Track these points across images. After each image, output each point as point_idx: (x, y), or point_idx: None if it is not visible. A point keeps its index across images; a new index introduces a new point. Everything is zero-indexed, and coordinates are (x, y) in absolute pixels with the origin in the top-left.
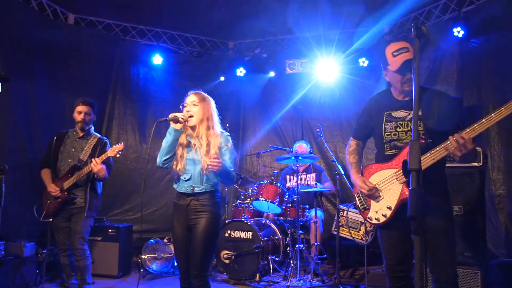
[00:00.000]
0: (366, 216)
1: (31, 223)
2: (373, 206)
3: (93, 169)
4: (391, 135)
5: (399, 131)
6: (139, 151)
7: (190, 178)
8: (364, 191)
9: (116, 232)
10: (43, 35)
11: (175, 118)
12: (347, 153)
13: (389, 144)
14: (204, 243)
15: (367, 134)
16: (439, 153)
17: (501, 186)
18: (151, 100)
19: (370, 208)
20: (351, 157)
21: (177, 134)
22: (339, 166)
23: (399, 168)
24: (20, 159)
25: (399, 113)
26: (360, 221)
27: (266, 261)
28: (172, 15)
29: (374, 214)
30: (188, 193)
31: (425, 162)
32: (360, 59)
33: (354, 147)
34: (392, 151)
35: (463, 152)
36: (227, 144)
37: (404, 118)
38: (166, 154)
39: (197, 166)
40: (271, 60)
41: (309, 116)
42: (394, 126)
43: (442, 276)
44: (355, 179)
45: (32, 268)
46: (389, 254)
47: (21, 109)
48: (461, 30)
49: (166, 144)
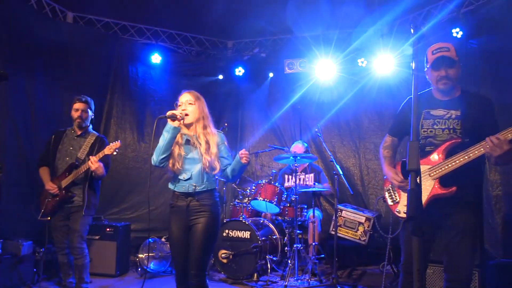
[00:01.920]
0: (394, 209)
1: (28, 222)
2: (403, 200)
3: (90, 167)
4: (428, 132)
5: (436, 128)
6: (137, 150)
7: (190, 177)
8: (395, 182)
9: (114, 231)
10: (41, 34)
11: (173, 115)
12: (381, 148)
13: (425, 140)
14: (204, 243)
15: (404, 131)
16: (474, 152)
17: (498, 187)
18: (150, 99)
19: (400, 202)
20: (385, 151)
21: (175, 132)
22: (337, 166)
23: (433, 165)
24: (18, 158)
25: (438, 112)
26: (358, 221)
27: (264, 260)
28: (171, 14)
29: (402, 207)
30: (187, 193)
31: (460, 160)
32: (359, 59)
33: (389, 143)
34: (428, 147)
35: (498, 152)
36: (224, 142)
37: (442, 116)
38: (164, 153)
39: (197, 165)
40: (270, 59)
41: (307, 116)
42: (431, 123)
43: (455, 276)
44: (388, 171)
45: (30, 266)
46: (408, 249)
47: (19, 108)
48: (460, 31)
49: (163, 142)
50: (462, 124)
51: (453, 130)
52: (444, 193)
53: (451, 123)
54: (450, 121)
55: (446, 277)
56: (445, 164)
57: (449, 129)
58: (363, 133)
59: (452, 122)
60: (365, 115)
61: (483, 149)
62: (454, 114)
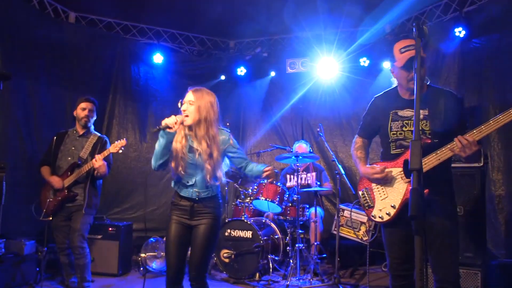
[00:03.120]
0: (370, 214)
1: (31, 221)
2: (377, 204)
3: (94, 165)
4: (397, 134)
5: (405, 130)
6: (139, 149)
7: (194, 184)
8: (378, 176)
9: (116, 231)
10: (44, 34)
11: (166, 125)
12: (353, 150)
13: (395, 143)
14: (206, 245)
15: (373, 133)
16: (444, 154)
17: (501, 186)
18: (152, 99)
19: (375, 206)
20: (358, 152)
21: (170, 136)
22: (339, 166)
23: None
24: (20, 157)
25: (405, 112)
26: (360, 220)
27: (265, 260)
28: (173, 13)
29: (378, 212)
30: (191, 198)
31: (430, 162)
32: (361, 59)
33: (359, 144)
34: (398, 150)
35: (468, 153)
36: (230, 141)
37: (410, 117)
38: (161, 158)
39: (200, 171)
40: (272, 59)
41: (309, 115)
42: (400, 125)
43: (444, 275)
44: (365, 169)
45: (32, 266)
46: (393, 253)
47: (21, 108)
48: (463, 30)
49: (159, 148)
50: (431, 125)
51: (422, 132)
52: None
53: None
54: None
55: (435, 278)
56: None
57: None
58: None
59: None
60: None
61: (451, 151)
62: (421, 114)
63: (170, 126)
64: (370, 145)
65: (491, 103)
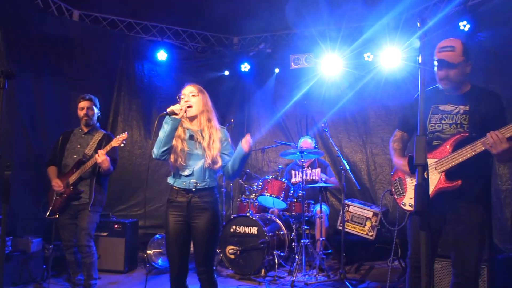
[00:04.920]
0: (400, 202)
1: (37, 219)
2: (409, 193)
3: (97, 159)
4: (435, 127)
5: (443, 123)
6: (144, 146)
7: (192, 174)
8: (406, 169)
9: (122, 228)
10: (48, 32)
11: (173, 111)
12: (391, 142)
13: (432, 134)
14: (209, 240)
15: (412, 126)
16: (478, 146)
17: (507, 181)
18: (156, 96)
19: (406, 195)
20: (394, 144)
21: (175, 123)
22: (344, 161)
23: (440, 158)
24: (26, 156)
25: (446, 107)
26: (366, 216)
27: (271, 256)
28: (176, 10)
29: (408, 200)
30: (188, 189)
31: (465, 154)
32: (365, 54)
33: (398, 137)
34: (435, 141)
35: (498, 150)
36: (227, 139)
37: (450, 111)
38: (164, 145)
39: (199, 161)
40: (276, 55)
41: (314, 111)
42: (439, 118)
43: (463, 271)
44: (398, 160)
45: (39, 263)
46: (415, 243)
47: (26, 106)
48: (467, 24)
49: (163, 135)
50: (470, 118)
51: (461, 125)
52: (449, 187)
53: (458, 118)
54: (458, 116)
55: (454, 272)
56: (451, 157)
57: (456, 124)
58: (369, 128)
59: (459, 117)
60: (372, 110)
61: (483, 144)
62: (462, 109)
63: (176, 112)
64: (409, 140)
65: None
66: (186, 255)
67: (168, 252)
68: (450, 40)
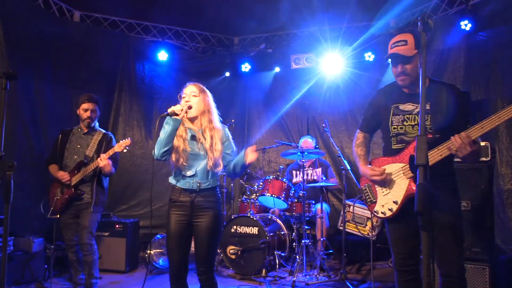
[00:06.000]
0: (372, 209)
1: (39, 219)
2: (380, 200)
3: (99, 164)
4: (398, 129)
5: (406, 125)
6: (145, 147)
7: (195, 174)
8: (377, 178)
9: (123, 228)
10: (49, 33)
11: (174, 112)
12: (354, 146)
13: (395, 138)
14: (211, 240)
15: (374, 127)
16: (444, 151)
17: (510, 181)
18: (157, 96)
19: (377, 202)
20: (358, 149)
21: (176, 123)
22: (345, 161)
23: (406, 163)
24: (27, 156)
25: (407, 106)
26: (367, 216)
27: (272, 256)
28: (177, 11)
29: (380, 208)
30: (191, 190)
31: (432, 157)
32: (366, 53)
33: (361, 140)
34: (399, 145)
35: (464, 153)
36: (229, 138)
37: (411, 111)
38: (165, 146)
39: (202, 161)
40: (276, 55)
41: (314, 111)
42: (401, 119)
43: (449, 270)
44: (364, 169)
45: (41, 263)
46: (397, 248)
47: (28, 106)
48: (469, 23)
49: (164, 135)
50: (432, 119)
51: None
52: None
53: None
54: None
55: (440, 272)
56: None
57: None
58: None
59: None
60: None
61: (449, 150)
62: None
63: (177, 112)
64: (371, 140)
65: (499, 96)
66: (187, 255)
67: (168, 252)
68: (401, 35)
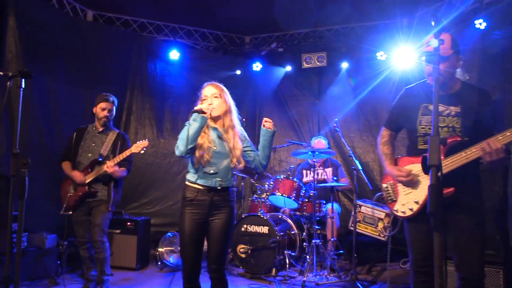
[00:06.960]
0: (392, 207)
1: (52, 215)
2: (401, 198)
3: (106, 170)
4: (426, 129)
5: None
6: (156, 145)
7: (217, 172)
8: (402, 179)
9: (134, 225)
10: (63, 32)
11: (201, 110)
12: (379, 144)
13: (423, 138)
14: (224, 238)
15: (401, 126)
16: (474, 153)
17: None
18: (168, 95)
19: (398, 201)
20: (384, 147)
21: (203, 121)
22: (356, 161)
23: None
24: (41, 154)
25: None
26: (378, 217)
27: (282, 256)
28: (188, 10)
29: (400, 206)
30: (211, 188)
31: (459, 160)
32: (378, 53)
33: (386, 138)
34: (425, 145)
35: (493, 158)
36: (245, 135)
37: (441, 113)
38: (192, 142)
39: (224, 160)
40: (288, 54)
41: (325, 110)
42: (430, 120)
43: (469, 274)
44: (391, 169)
45: (54, 259)
46: (415, 248)
47: (41, 105)
48: (483, 22)
49: (192, 132)
50: (462, 122)
51: (453, 129)
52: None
53: (450, 120)
54: (449, 118)
55: (459, 276)
56: (444, 164)
57: (448, 127)
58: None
59: (451, 120)
60: (385, 109)
61: (480, 152)
62: (453, 111)
63: (205, 111)
64: (396, 138)
65: None
66: (201, 254)
67: (182, 251)
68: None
